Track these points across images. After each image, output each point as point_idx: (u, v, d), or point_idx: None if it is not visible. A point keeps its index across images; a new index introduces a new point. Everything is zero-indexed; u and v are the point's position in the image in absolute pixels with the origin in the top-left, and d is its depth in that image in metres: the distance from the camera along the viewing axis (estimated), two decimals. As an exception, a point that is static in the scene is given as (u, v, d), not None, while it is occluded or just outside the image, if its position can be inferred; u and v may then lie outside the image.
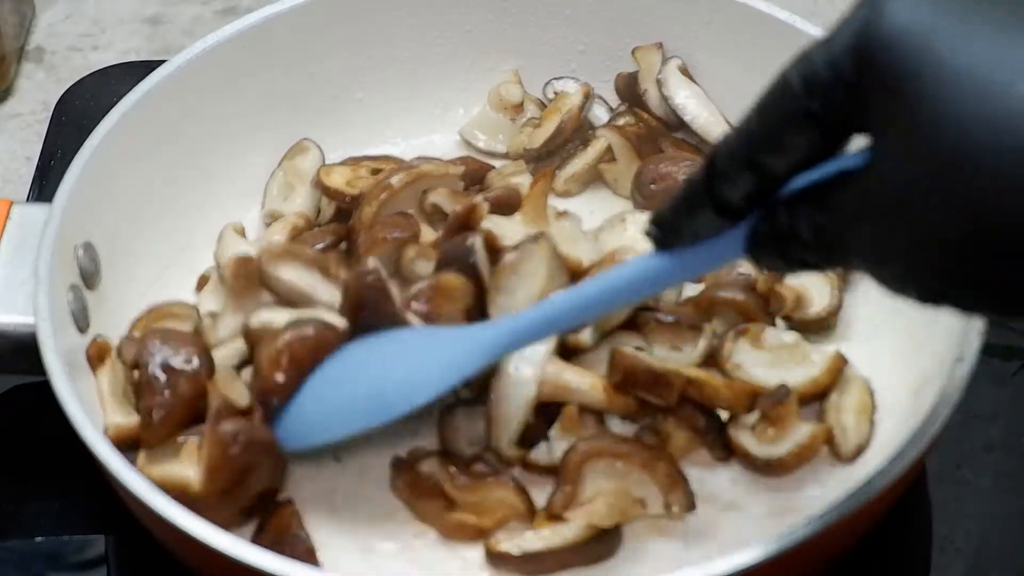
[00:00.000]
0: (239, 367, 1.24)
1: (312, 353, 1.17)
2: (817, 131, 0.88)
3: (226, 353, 1.25)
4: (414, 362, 1.17)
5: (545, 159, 1.43)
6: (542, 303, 1.17)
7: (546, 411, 1.20)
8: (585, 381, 1.20)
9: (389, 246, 1.27)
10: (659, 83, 1.43)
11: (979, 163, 0.79)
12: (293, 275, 1.26)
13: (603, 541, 1.15)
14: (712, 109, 1.42)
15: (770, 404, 1.21)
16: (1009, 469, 1.27)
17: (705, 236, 0.97)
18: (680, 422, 1.20)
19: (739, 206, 0.95)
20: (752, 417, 1.21)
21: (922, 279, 0.86)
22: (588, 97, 1.45)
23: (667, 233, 1.00)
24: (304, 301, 1.25)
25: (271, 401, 1.17)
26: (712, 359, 1.24)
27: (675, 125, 1.44)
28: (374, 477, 1.22)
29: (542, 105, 1.48)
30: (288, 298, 1.26)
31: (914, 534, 1.24)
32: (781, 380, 1.24)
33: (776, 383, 1.23)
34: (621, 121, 1.45)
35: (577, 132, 1.44)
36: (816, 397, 1.25)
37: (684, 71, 1.43)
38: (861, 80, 0.84)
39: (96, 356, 1.23)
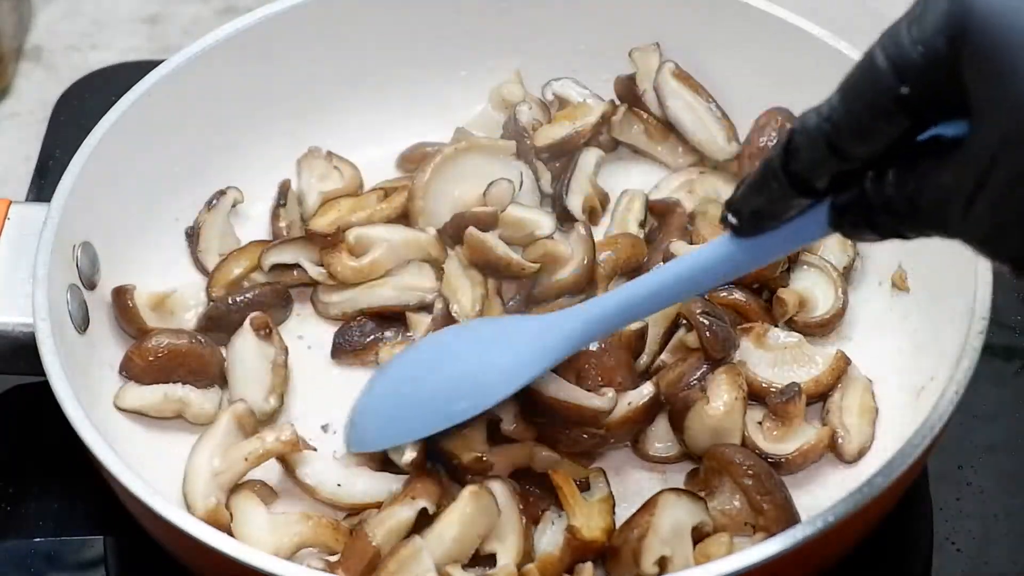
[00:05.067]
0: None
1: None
2: (907, 116, 0.84)
3: None
4: (493, 355, 1.15)
5: (549, 161, 1.43)
6: (619, 290, 1.14)
7: None
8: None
9: None
10: (655, 90, 1.43)
11: None
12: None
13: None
14: (708, 116, 1.42)
15: (781, 401, 1.22)
16: (1010, 469, 1.27)
17: (788, 218, 0.95)
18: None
19: (822, 187, 0.91)
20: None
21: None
22: (605, 118, 1.44)
23: (747, 219, 0.97)
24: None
25: None
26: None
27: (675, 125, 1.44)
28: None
29: (543, 106, 1.48)
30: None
31: (915, 534, 1.24)
32: (785, 379, 1.24)
33: (780, 382, 1.23)
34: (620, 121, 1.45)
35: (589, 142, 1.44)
36: (819, 397, 1.25)
37: (679, 75, 1.43)
38: (956, 60, 0.81)
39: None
